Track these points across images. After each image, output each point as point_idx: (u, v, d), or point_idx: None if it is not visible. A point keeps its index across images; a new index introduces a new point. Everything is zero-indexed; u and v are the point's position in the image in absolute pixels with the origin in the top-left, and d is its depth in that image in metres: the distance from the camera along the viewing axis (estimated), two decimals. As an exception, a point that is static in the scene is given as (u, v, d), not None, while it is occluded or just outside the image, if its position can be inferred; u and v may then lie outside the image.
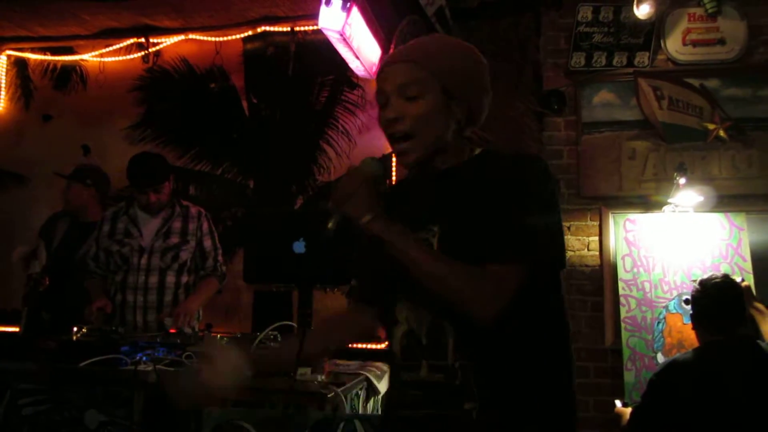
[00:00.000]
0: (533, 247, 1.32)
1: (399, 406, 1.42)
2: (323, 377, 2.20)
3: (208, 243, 3.16)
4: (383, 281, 1.43)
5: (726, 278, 2.53)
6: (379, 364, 2.57)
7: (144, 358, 2.25)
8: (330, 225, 1.33)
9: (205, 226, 3.17)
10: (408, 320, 1.39)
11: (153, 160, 3.20)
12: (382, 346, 3.30)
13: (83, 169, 3.73)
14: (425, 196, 1.42)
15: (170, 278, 3.08)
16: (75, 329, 2.56)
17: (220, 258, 3.19)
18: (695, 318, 2.54)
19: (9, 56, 4.86)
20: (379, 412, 1.95)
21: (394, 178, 3.70)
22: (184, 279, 3.11)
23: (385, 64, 1.47)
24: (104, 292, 3.09)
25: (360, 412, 2.25)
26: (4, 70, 4.89)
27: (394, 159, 3.47)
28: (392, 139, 1.41)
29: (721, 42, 3.74)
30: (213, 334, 2.68)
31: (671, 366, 2.44)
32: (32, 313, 3.09)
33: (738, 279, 2.78)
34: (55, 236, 3.57)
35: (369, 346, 3.46)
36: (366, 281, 1.56)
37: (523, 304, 1.31)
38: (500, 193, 1.34)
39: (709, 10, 3.71)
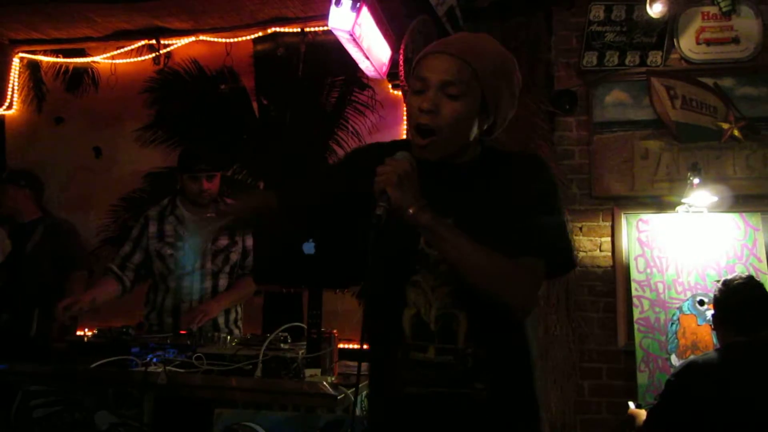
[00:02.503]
0: (553, 244, 1.40)
1: (407, 383, 1.42)
2: (333, 378, 2.19)
3: (250, 241, 3.07)
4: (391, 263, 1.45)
5: (751, 279, 2.50)
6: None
7: (154, 360, 2.26)
8: (379, 212, 1.31)
9: None
10: (416, 304, 1.41)
11: (208, 148, 3.14)
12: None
13: (15, 171, 3.82)
14: (438, 189, 1.42)
15: (223, 281, 3.02)
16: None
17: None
18: (717, 318, 2.50)
19: (22, 59, 4.88)
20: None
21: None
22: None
23: (434, 50, 1.43)
24: (95, 288, 2.98)
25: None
26: (17, 72, 4.91)
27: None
28: (418, 128, 1.39)
29: (736, 41, 3.70)
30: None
31: (691, 367, 2.40)
32: None
33: None
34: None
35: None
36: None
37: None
38: (522, 191, 1.40)
39: (724, 9, 3.67)
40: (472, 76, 1.37)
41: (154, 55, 4.60)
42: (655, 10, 3.60)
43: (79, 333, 3.55)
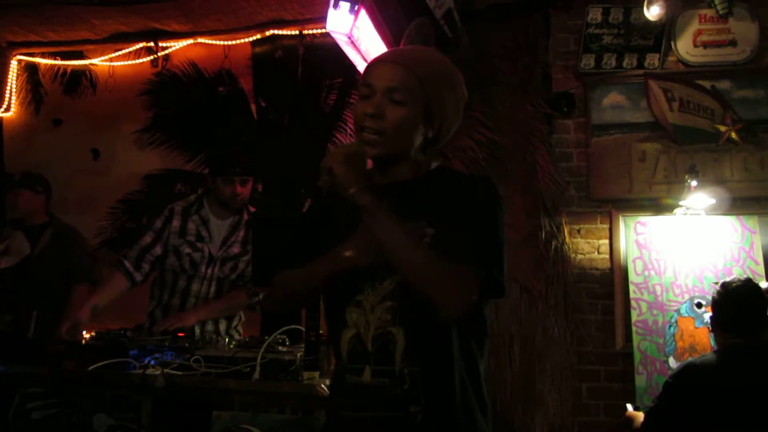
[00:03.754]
0: (495, 259, 1.38)
1: (343, 408, 1.43)
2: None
3: None
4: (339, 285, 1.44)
5: (749, 281, 2.50)
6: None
7: (152, 362, 2.25)
8: (321, 183, 1.37)
9: None
10: (357, 324, 1.41)
11: (239, 152, 3.12)
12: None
13: (29, 175, 3.74)
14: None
15: (226, 289, 3.00)
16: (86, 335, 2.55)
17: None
18: (715, 320, 2.51)
19: (20, 61, 4.89)
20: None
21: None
22: None
23: (382, 58, 1.50)
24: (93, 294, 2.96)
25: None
26: (15, 74, 4.91)
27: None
28: (363, 131, 1.43)
29: (733, 43, 3.71)
30: None
31: (689, 368, 2.41)
32: None
33: (765, 285, 2.75)
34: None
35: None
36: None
37: (470, 314, 1.37)
38: (461, 206, 1.39)
39: (721, 12, 3.68)
40: (417, 84, 1.41)
41: (152, 57, 4.61)
42: (653, 13, 3.60)
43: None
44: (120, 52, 4.69)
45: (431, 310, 1.32)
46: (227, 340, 2.58)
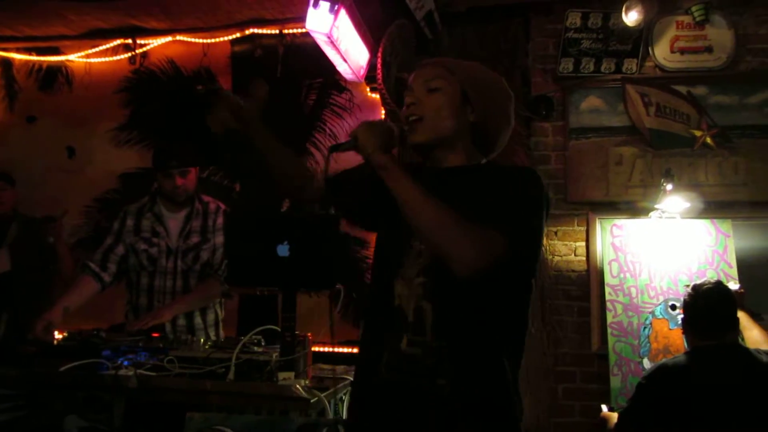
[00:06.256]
0: (519, 233, 1.41)
1: (389, 370, 1.49)
2: (307, 381, 2.17)
3: (219, 239, 3.01)
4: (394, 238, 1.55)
5: (719, 284, 2.53)
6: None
7: (125, 363, 2.22)
8: (343, 143, 1.52)
9: (220, 221, 3.04)
10: (400, 297, 1.50)
11: (182, 144, 3.12)
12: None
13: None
14: (428, 188, 1.47)
15: (193, 281, 2.97)
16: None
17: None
18: (686, 322, 2.54)
19: (-7, 56, 4.81)
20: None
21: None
22: None
23: (419, 67, 1.64)
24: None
25: (344, 416, 2.23)
26: (-12, 70, 4.84)
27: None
28: (408, 120, 1.56)
29: (709, 50, 3.76)
30: None
31: (661, 369, 2.43)
32: None
33: (735, 286, 2.78)
34: None
35: (354, 350, 3.44)
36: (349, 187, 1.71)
37: (499, 296, 1.44)
38: (500, 188, 1.47)
39: (697, 18, 3.73)
40: (448, 72, 1.57)
41: (129, 54, 4.56)
42: (631, 19, 3.64)
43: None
44: (97, 49, 4.63)
45: (473, 285, 1.38)
46: (202, 340, 2.56)
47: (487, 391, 1.44)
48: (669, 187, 3.50)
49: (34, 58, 4.80)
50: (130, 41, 4.49)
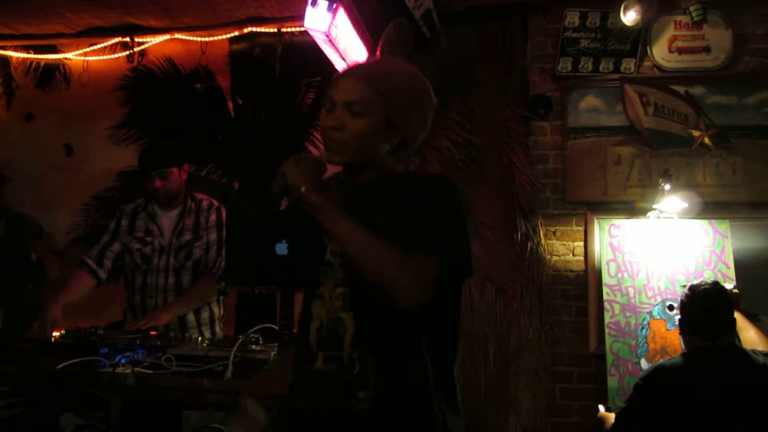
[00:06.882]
0: (447, 245, 1.40)
1: (297, 396, 1.47)
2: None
3: (213, 236, 3.00)
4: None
5: (716, 285, 2.53)
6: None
7: (122, 361, 2.22)
8: (273, 187, 1.47)
9: (213, 217, 3.03)
10: (320, 315, 1.46)
11: (162, 145, 3.13)
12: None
13: None
14: (344, 204, 1.46)
15: (186, 278, 2.97)
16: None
17: (223, 254, 2.96)
18: (683, 323, 2.53)
19: (-9, 54, 4.80)
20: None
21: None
22: None
23: (343, 74, 1.56)
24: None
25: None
26: (-14, 68, 4.83)
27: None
28: (328, 143, 1.51)
29: (707, 50, 3.77)
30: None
31: (658, 370, 2.43)
32: None
33: (729, 286, 2.79)
34: None
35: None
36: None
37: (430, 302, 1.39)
38: (418, 200, 1.43)
39: (695, 18, 3.73)
40: (376, 96, 1.47)
41: (127, 52, 4.56)
42: (629, 18, 3.64)
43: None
44: (95, 47, 4.62)
45: (387, 299, 1.35)
46: (199, 338, 2.55)
47: (409, 399, 1.39)
48: (667, 187, 3.50)
49: (32, 56, 4.80)
50: (128, 39, 4.48)
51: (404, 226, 1.38)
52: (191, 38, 4.46)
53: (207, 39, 4.46)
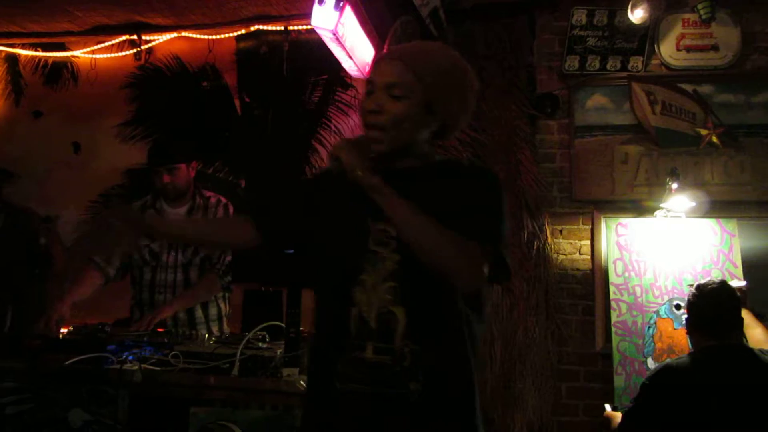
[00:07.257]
0: (498, 243, 1.45)
1: (345, 380, 1.46)
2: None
3: None
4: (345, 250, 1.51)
5: (723, 284, 2.51)
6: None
7: (130, 357, 2.23)
8: (331, 167, 1.47)
9: (221, 214, 3.03)
10: (360, 303, 1.46)
11: (171, 142, 3.12)
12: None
13: None
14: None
15: (194, 274, 2.98)
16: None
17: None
18: (690, 322, 2.52)
19: (-1, 52, 4.83)
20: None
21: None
22: None
23: (383, 56, 1.57)
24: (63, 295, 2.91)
25: None
26: (-5, 65, 4.85)
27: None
28: (366, 126, 1.51)
29: (715, 48, 3.75)
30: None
31: (665, 370, 2.42)
32: None
33: (737, 283, 2.77)
34: None
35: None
36: (281, 218, 1.68)
37: (465, 295, 1.46)
38: (468, 193, 1.46)
39: (703, 16, 3.71)
40: (416, 80, 1.47)
41: (135, 50, 4.57)
42: (637, 16, 3.63)
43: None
44: (102, 45, 4.64)
45: (443, 284, 1.40)
46: (206, 336, 2.56)
47: (457, 391, 1.46)
48: (674, 185, 3.49)
49: (40, 54, 4.82)
50: (135, 37, 4.49)
51: (460, 216, 1.41)
52: (198, 36, 4.47)
53: (214, 37, 4.47)
